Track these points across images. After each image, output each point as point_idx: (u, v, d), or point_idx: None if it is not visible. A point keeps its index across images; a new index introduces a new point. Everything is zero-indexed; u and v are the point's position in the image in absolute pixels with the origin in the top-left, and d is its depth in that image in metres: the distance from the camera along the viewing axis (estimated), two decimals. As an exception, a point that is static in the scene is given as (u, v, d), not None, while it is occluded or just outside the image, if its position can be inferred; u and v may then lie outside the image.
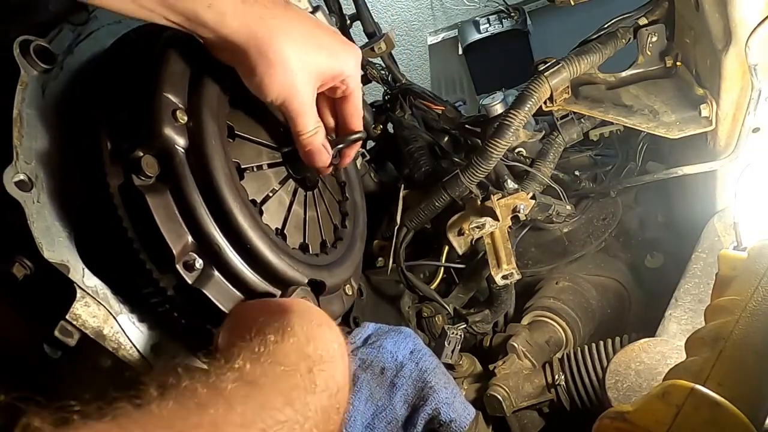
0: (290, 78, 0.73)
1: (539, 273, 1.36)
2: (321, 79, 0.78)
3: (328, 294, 0.85)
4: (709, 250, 1.12)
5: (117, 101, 0.71)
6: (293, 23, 0.74)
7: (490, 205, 1.14)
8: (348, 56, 0.80)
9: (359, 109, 0.87)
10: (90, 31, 0.78)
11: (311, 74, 0.76)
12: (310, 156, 0.82)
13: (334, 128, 0.89)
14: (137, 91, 0.71)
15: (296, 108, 0.76)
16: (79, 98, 0.73)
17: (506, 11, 2.71)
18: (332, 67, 0.78)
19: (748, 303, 0.70)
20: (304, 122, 0.78)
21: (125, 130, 0.70)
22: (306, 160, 0.83)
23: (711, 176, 1.13)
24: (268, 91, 0.74)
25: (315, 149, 0.81)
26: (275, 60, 0.72)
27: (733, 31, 0.91)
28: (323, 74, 0.78)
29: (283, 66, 0.72)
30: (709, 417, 0.60)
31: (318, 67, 0.76)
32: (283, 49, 0.72)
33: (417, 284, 1.21)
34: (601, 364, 1.03)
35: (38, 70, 0.70)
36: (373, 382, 0.91)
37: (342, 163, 0.90)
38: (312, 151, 0.81)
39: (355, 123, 0.88)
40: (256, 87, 0.74)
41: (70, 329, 0.66)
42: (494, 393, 1.04)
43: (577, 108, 1.17)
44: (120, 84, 0.73)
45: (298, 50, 0.73)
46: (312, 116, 0.79)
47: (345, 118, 0.87)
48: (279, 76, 0.73)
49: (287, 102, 0.75)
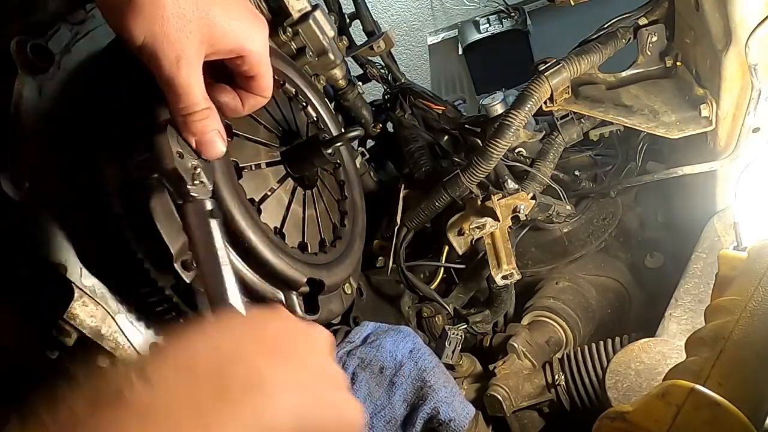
0: (172, 19, 0.56)
1: (539, 273, 1.36)
2: (212, 44, 0.60)
3: (328, 293, 0.85)
4: (709, 250, 1.12)
5: (115, 101, 0.71)
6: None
7: (491, 205, 1.14)
8: (254, 28, 0.63)
9: (264, 97, 0.69)
10: (88, 30, 0.78)
11: (201, 31, 0.58)
12: (201, 147, 0.62)
13: (230, 110, 0.68)
14: (135, 91, 0.71)
15: (174, 67, 0.57)
16: (76, 98, 0.73)
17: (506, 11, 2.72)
18: (232, 33, 0.61)
19: (748, 303, 0.70)
20: (189, 92, 0.59)
21: (123, 131, 0.69)
22: (195, 148, 0.63)
23: (711, 176, 1.13)
24: (133, 31, 0.55)
25: (208, 140, 0.62)
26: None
27: (733, 31, 0.90)
28: (217, 40, 0.60)
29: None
30: (709, 417, 0.59)
31: (211, 27, 0.59)
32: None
33: (417, 284, 1.21)
34: (601, 364, 1.03)
35: (35, 69, 0.69)
36: (372, 381, 0.91)
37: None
38: (203, 142, 0.62)
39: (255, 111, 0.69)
40: (119, 26, 0.56)
41: (68, 329, 0.66)
42: (494, 393, 1.04)
43: (577, 108, 1.17)
44: (118, 84, 0.72)
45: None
46: (198, 86, 0.60)
47: (247, 106, 0.69)
48: (149, 9, 0.55)
49: (157, 51, 0.56)
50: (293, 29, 1.19)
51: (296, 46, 1.20)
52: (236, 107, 0.68)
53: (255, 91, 0.68)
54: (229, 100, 0.67)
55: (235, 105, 0.68)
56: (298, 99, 0.97)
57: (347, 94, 1.39)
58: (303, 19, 1.19)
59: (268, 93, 0.69)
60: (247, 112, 0.70)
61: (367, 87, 1.53)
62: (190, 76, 0.58)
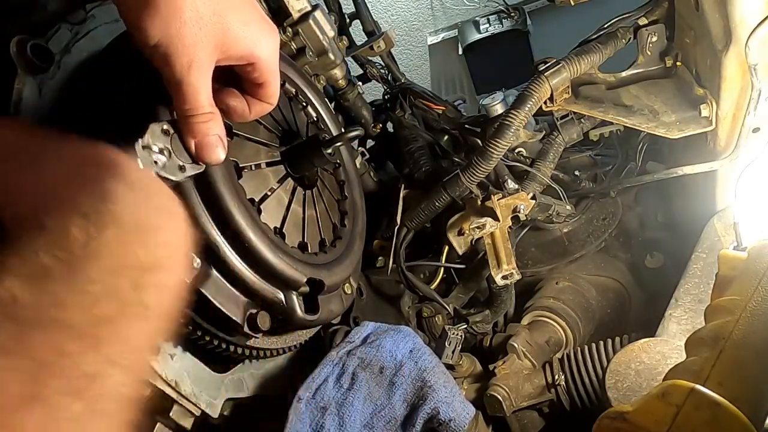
0: (189, 23, 0.56)
1: (539, 273, 1.36)
2: (224, 50, 0.60)
3: (328, 293, 0.85)
4: (709, 250, 1.12)
5: (115, 101, 0.71)
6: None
7: (491, 205, 1.14)
8: (267, 36, 0.64)
9: (271, 104, 0.69)
10: (88, 30, 0.78)
11: (216, 36, 0.58)
12: (201, 150, 0.62)
13: (237, 115, 0.69)
14: (135, 91, 0.70)
15: (185, 71, 0.57)
16: (76, 98, 0.73)
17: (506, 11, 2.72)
18: (245, 40, 0.61)
19: (748, 303, 0.70)
20: (196, 96, 0.59)
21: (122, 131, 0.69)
22: (194, 153, 0.62)
23: (711, 176, 1.13)
24: (149, 31, 0.55)
25: (209, 143, 0.62)
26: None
27: (733, 31, 0.90)
28: (230, 46, 0.60)
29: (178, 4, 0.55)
30: (709, 417, 0.59)
31: (225, 34, 0.59)
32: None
33: (417, 284, 1.21)
34: (601, 364, 1.03)
35: (35, 69, 0.69)
36: (372, 381, 0.90)
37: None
38: (203, 145, 0.61)
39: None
40: (134, 24, 0.56)
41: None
42: (494, 393, 1.04)
43: (577, 108, 1.17)
44: (118, 84, 0.72)
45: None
46: (206, 91, 0.60)
47: (253, 111, 0.69)
48: (167, 10, 0.54)
49: (171, 55, 0.56)
50: (293, 29, 1.19)
51: (296, 46, 1.21)
52: (243, 112, 0.68)
53: (262, 98, 0.68)
54: (237, 104, 0.67)
55: (242, 110, 0.68)
56: (298, 99, 0.97)
57: (347, 94, 1.40)
58: (303, 19, 1.19)
59: (275, 100, 0.69)
60: (253, 117, 0.70)
61: (367, 87, 1.53)
62: (199, 80, 0.58)
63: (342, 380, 0.89)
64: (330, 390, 0.88)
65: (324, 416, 0.85)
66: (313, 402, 0.86)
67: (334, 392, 0.88)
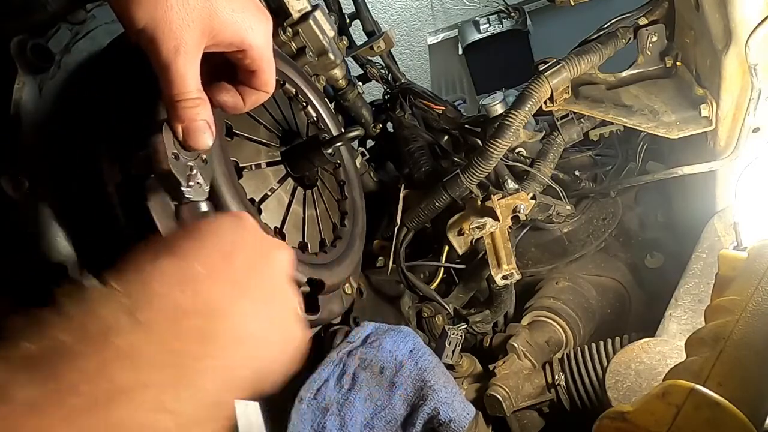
0: (175, 7, 0.56)
1: (539, 273, 1.36)
2: (213, 35, 0.59)
3: (328, 293, 0.85)
4: (709, 250, 1.12)
5: (114, 101, 0.71)
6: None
7: (491, 205, 1.14)
8: (258, 23, 0.63)
9: (266, 93, 0.68)
10: (88, 30, 0.78)
11: (203, 21, 0.58)
12: (188, 135, 0.60)
13: (230, 108, 0.68)
14: (134, 91, 0.71)
15: (172, 55, 0.56)
16: (76, 98, 0.73)
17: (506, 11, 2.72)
18: (234, 25, 0.60)
19: (748, 303, 0.70)
20: (183, 80, 0.58)
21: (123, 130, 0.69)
22: (181, 137, 0.61)
23: (711, 176, 1.13)
24: (135, 14, 0.55)
25: (196, 128, 0.60)
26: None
27: (733, 31, 0.90)
28: (219, 31, 0.59)
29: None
30: (709, 417, 0.59)
31: (213, 18, 0.58)
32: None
33: (417, 284, 1.20)
34: (601, 364, 1.03)
35: (35, 69, 0.70)
36: (372, 381, 0.90)
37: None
38: (191, 130, 0.60)
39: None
40: (121, 8, 0.56)
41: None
42: (494, 393, 1.04)
43: (577, 108, 1.17)
44: (118, 84, 0.72)
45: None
46: (194, 75, 0.59)
47: (248, 102, 0.68)
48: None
49: (157, 38, 0.56)
50: (293, 29, 1.19)
51: (296, 46, 1.20)
52: (236, 104, 0.68)
53: (256, 87, 0.67)
54: (229, 98, 0.67)
55: (235, 102, 0.67)
56: (298, 99, 0.97)
57: (347, 94, 1.39)
58: (303, 19, 1.19)
59: (270, 88, 0.68)
60: (248, 108, 0.69)
61: (367, 87, 1.53)
62: (186, 65, 0.57)
63: (343, 381, 0.89)
64: (331, 390, 0.88)
65: (325, 417, 0.85)
66: (314, 402, 0.86)
67: (335, 393, 0.88)
